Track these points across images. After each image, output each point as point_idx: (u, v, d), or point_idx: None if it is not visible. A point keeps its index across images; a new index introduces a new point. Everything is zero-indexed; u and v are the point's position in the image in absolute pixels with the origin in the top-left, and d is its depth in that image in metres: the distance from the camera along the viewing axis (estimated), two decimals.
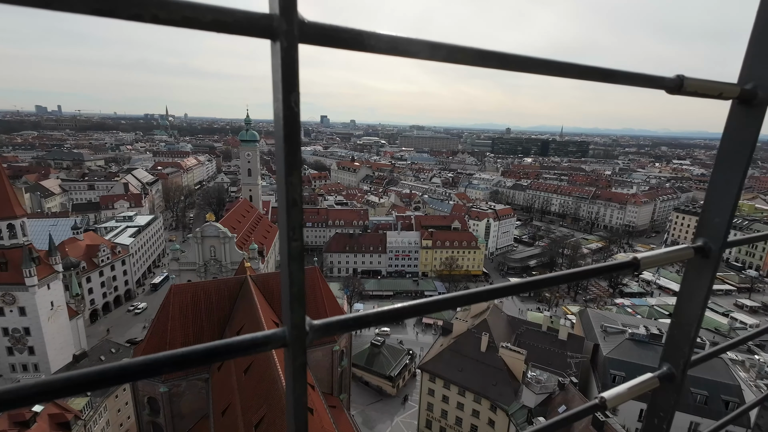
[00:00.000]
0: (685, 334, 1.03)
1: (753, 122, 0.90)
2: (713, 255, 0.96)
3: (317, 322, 0.68)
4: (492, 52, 0.64)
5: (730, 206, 0.95)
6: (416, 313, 0.86)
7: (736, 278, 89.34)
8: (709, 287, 1.00)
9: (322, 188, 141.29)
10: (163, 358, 0.57)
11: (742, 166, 0.93)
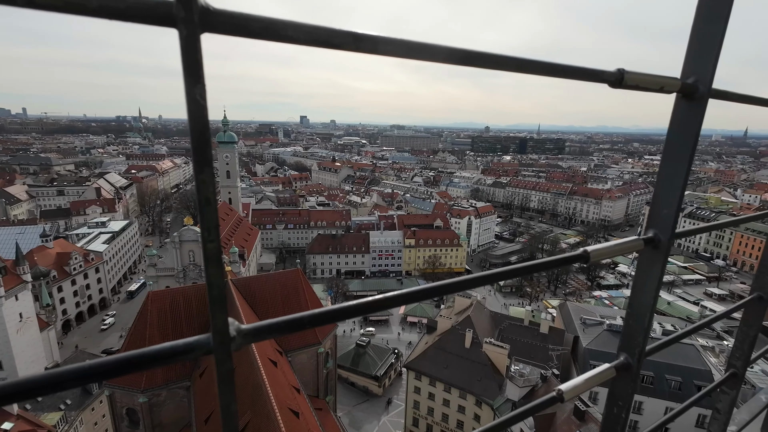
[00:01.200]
0: (639, 324, 1.06)
1: (695, 116, 0.93)
2: (663, 245, 0.99)
3: (246, 326, 0.64)
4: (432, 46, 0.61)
5: (677, 198, 0.98)
6: (358, 313, 0.79)
7: (706, 268, 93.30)
8: (660, 277, 1.03)
9: (303, 189, 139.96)
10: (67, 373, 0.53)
11: (686, 159, 0.96)
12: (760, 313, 1.43)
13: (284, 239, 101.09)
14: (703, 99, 0.92)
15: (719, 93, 0.94)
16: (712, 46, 0.87)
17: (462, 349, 41.87)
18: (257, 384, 24.06)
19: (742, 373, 1.40)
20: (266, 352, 29.86)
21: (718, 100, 0.99)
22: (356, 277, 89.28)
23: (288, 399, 25.75)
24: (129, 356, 0.55)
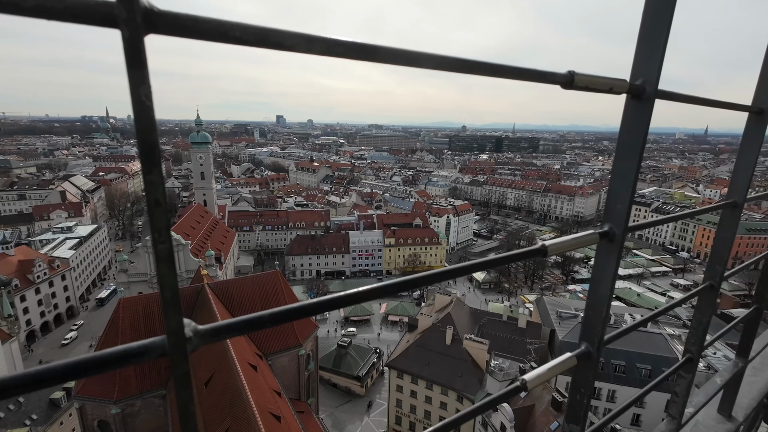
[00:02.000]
0: (597, 314, 1.10)
1: (643, 115, 0.98)
2: (617, 239, 1.04)
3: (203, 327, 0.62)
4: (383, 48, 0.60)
5: (629, 193, 1.03)
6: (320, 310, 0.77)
7: (672, 260, 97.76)
8: (615, 269, 1.07)
9: (281, 190, 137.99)
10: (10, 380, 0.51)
11: (636, 157, 1.02)
12: (712, 301, 1.52)
13: (262, 241, 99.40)
14: (650, 99, 0.96)
15: (665, 93, 1.00)
16: (657, 51, 0.93)
17: (443, 346, 42.34)
18: (237, 389, 23.60)
19: (696, 357, 1.48)
20: (246, 356, 29.34)
21: None
22: (336, 277, 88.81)
23: (269, 403, 25.37)
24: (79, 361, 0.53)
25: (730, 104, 1.20)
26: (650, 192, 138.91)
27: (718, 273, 1.47)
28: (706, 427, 1.74)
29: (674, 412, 1.54)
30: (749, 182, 1.33)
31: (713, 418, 1.76)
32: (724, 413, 1.77)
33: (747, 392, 1.92)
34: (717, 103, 1.19)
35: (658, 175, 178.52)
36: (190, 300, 36.11)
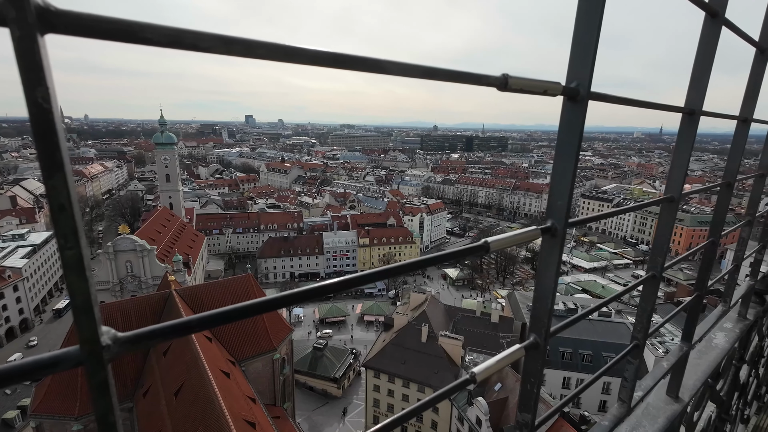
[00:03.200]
0: (543, 306, 1.14)
1: (578, 116, 1.04)
2: (559, 233, 1.08)
3: (124, 334, 0.58)
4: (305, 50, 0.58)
5: (568, 190, 1.07)
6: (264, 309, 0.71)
7: (632, 253, 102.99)
8: (558, 262, 1.12)
9: (251, 191, 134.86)
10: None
11: (573, 155, 1.07)
12: (654, 290, 1.61)
13: (233, 244, 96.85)
14: (584, 101, 1.02)
15: (597, 95, 1.06)
16: (588, 55, 0.99)
17: (419, 344, 42.74)
18: (209, 398, 22.90)
19: (642, 343, 1.56)
20: (218, 363, 28.52)
21: None
22: (311, 279, 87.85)
23: (243, 410, 24.78)
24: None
25: (664, 105, 1.27)
26: (612, 188, 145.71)
27: (660, 264, 1.55)
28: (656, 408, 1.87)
29: (624, 396, 1.65)
30: (684, 178, 1.41)
31: (662, 400, 1.91)
32: (672, 395, 1.92)
33: (692, 374, 2.10)
34: (651, 105, 1.25)
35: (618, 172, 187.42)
36: (156, 307, 34.67)
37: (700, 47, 1.48)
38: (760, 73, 1.92)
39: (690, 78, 1.46)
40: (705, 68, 1.44)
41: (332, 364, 53.07)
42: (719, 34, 1.47)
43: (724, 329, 2.82)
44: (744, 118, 1.96)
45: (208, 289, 38.15)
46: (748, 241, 2.67)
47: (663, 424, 1.82)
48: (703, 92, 1.48)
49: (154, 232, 68.06)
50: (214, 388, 22.99)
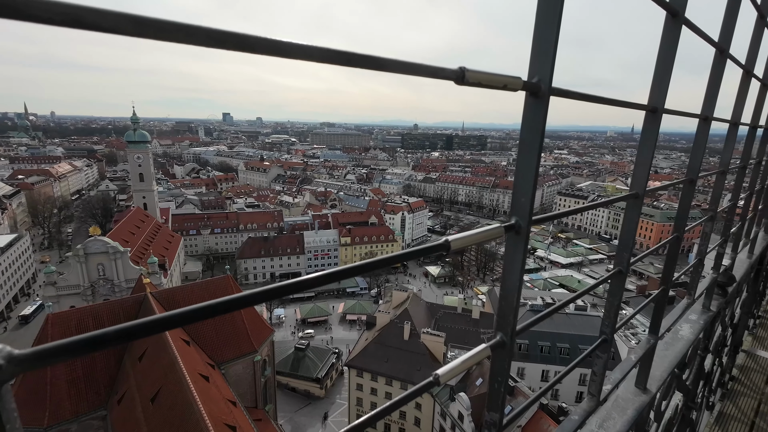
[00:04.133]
0: (509, 304, 1.13)
1: (540, 112, 1.03)
2: (523, 231, 1.08)
3: (22, 352, 0.50)
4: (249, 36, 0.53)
5: (531, 187, 1.07)
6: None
7: (607, 248, 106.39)
8: (523, 260, 1.11)
9: (229, 191, 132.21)
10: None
11: (536, 151, 1.07)
12: (621, 285, 1.63)
13: (211, 245, 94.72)
14: (545, 96, 1.02)
15: (559, 91, 1.06)
16: (548, 51, 1.00)
17: (401, 342, 42.94)
18: (187, 402, 22.35)
19: (610, 338, 1.60)
20: (196, 367, 27.89)
21: None
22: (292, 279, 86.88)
23: (223, 414, 24.31)
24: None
25: (627, 103, 1.28)
26: (586, 186, 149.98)
27: (626, 259, 1.59)
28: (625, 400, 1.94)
29: (593, 390, 1.70)
30: (647, 175, 1.44)
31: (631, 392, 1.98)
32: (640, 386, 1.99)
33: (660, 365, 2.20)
34: (614, 102, 1.26)
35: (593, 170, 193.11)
36: (131, 311, 33.56)
37: (662, 46, 1.52)
38: (719, 73, 1.99)
39: (653, 76, 1.49)
40: (667, 67, 1.48)
41: (314, 364, 52.70)
42: (680, 33, 1.51)
43: (690, 321, 2.92)
44: (705, 116, 2.02)
45: (185, 292, 37.18)
46: (710, 236, 2.80)
47: (632, 415, 1.88)
48: (665, 90, 1.52)
49: (127, 233, 65.82)
50: (193, 393, 22.46)
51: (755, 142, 3.29)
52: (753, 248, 4.67)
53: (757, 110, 3.11)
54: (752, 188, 3.70)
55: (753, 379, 4.33)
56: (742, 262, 4.20)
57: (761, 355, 4.97)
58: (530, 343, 43.39)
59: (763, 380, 4.38)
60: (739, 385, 4.21)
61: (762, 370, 4.58)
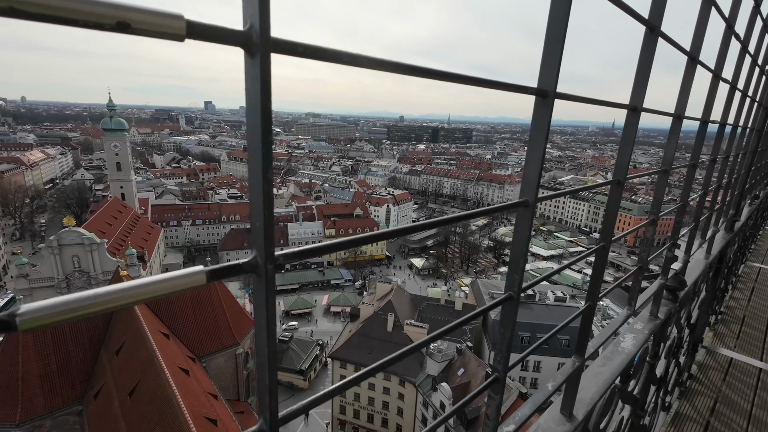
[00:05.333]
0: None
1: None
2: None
3: None
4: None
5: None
6: None
7: (586, 241, 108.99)
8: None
9: (212, 181, 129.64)
10: None
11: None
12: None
13: (192, 236, 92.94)
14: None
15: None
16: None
17: (385, 333, 43.18)
18: (166, 396, 21.99)
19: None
20: (176, 360, 27.44)
21: None
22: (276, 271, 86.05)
23: (203, 407, 24.03)
24: None
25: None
26: (568, 179, 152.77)
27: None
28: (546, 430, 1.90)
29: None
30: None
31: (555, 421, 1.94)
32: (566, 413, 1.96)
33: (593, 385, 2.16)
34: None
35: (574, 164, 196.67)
36: None
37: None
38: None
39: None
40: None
41: (298, 356, 52.61)
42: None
43: (634, 331, 2.88)
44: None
45: None
46: (653, 240, 2.74)
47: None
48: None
49: (104, 224, 63.87)
50: (172, 386, 22.10)
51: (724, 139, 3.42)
52: (711, 247, 4.66)
53: (726, 109, 3.28)
54: (706, 187, 3.64)
55: (711, 377, 4.39)
56: (699, 263, 4.20)
57: (720, 353, 5.03)
58: None
59: (721, 378, 4.43)
60: (697, 383, 4.26)
61: (720, 367, 4.65)
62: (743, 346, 5.25)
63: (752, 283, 7.77)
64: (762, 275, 8.32)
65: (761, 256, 9.60)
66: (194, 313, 35.61)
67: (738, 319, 6.06)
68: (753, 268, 8.70)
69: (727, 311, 6.29)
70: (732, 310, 6.37)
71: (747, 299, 6.95)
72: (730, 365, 4.76)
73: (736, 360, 4.83)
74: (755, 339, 5.49)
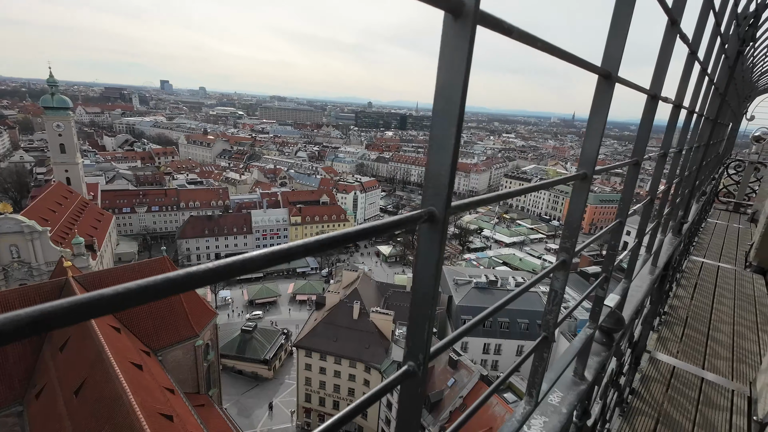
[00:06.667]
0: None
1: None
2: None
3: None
4: None
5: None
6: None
7: (546, 228, 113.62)
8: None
9: (169, 166, 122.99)
10: None
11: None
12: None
13: (148, 224, 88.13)
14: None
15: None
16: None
17: (350, 321, 43.11)
18: (116, 394, 20.77)
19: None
20: (127, 355, 25.98)
21: None
22: None
23: (158, 403, 22.96)
24: None
25: (583, 61, 1.14)
26: (530, 169, 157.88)
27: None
28: None
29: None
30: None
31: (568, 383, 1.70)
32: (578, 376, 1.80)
33: None
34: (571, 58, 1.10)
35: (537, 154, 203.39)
36: (50, 297, 30.20)
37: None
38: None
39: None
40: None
41: (262, 346, 51.65)
42: None
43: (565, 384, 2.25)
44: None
45: (115, 275, 34.16)
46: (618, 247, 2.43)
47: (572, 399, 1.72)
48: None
49: (46, 211, 59.02)
50: (122, 383, 20.88)
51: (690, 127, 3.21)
52: (657, 259, 4.28)
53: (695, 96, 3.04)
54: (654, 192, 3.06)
55: (653, 392, 4.18)
56: (643, 280, 3.80)
57: (663, 360, 4.87)
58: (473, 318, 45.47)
59: (663, 391, 4.24)
60: (638, 400, 4.05)
61: (663, 378, 4.49)
62: (686, 352, 5.12)
63: (695, 278, 7.79)
64: (705, 270, 8.39)
65: (704, 250, 9.83)
66: (148, 305, 33.78)
67: (681, 321, 5.97)
68: (696, 263, 8.76)
69: (670, 312, 6.20)
70: (675, 310, 6.29)
71: (690, 296, 6.93)
72: (672, 375, 4.56)
73: (679, 369, 4.68)
74: (697, 343, 5.40)
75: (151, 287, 0.44)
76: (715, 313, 6.43)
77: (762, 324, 6.22)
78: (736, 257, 9.67)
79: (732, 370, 4.77)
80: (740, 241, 11.25)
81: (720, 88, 3.26)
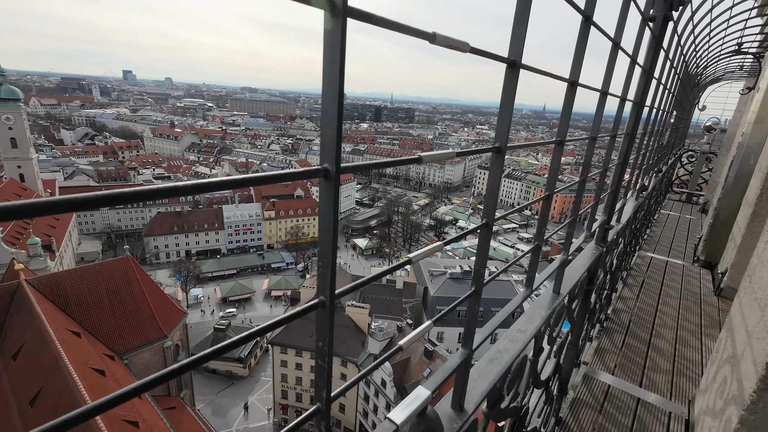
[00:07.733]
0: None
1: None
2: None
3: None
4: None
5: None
6: None
7: (518, 217, 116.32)
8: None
9: (134, 160, 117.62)
10: None
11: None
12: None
13: (112, 221, 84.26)
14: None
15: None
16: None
17: None
18: (74, 402, 19.71)
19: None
20: (88, 361, 24.72)
21: None
22: (211, 256, 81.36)
23: (122, 409, 21.99)
24: None
25: (489, 53, 1.28)
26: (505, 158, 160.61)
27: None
28: None
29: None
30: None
31: None
32: None
33: None
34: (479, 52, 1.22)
35: None
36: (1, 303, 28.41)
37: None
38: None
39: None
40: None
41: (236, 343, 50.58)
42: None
43: None
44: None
45: (73, 277, 32.33)
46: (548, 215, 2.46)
47: None
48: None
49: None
50: (81, 391, 19.82)
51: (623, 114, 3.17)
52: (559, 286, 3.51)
53: (626, 84, 3.01)
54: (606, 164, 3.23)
55: (581, 421, 3.72)
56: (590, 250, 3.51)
57: (597, 378, 4.33)
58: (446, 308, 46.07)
59: (593, 419, 3.74)
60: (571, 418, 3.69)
61: (595, 403, 3.97)
62: (624, 366, 4.61)
63: (642, 276, 7.44)
64: (653, 266, 8.04)
65: (654, 244, 9.57)
66: (111, 307, 32.26)
67: (623, 327, 5.54)
68: (645, 258, 8.48)
69: (613, 316, 5.78)
70: (618, 315, 5.87)
71: (636, 297, 6.55)
72: (606, 397, 4.03)
73: (614, 389, 4.15)
74: (637, 354, 4.90)
75: None
76: (659, 315, 5.94)
77: (705, 327, 5.80)
78: (685, 251, 9.30)
79: (671, 386, 4.35)
80: (690, 234, 10.95)
81: (645, 66, 3.24)
